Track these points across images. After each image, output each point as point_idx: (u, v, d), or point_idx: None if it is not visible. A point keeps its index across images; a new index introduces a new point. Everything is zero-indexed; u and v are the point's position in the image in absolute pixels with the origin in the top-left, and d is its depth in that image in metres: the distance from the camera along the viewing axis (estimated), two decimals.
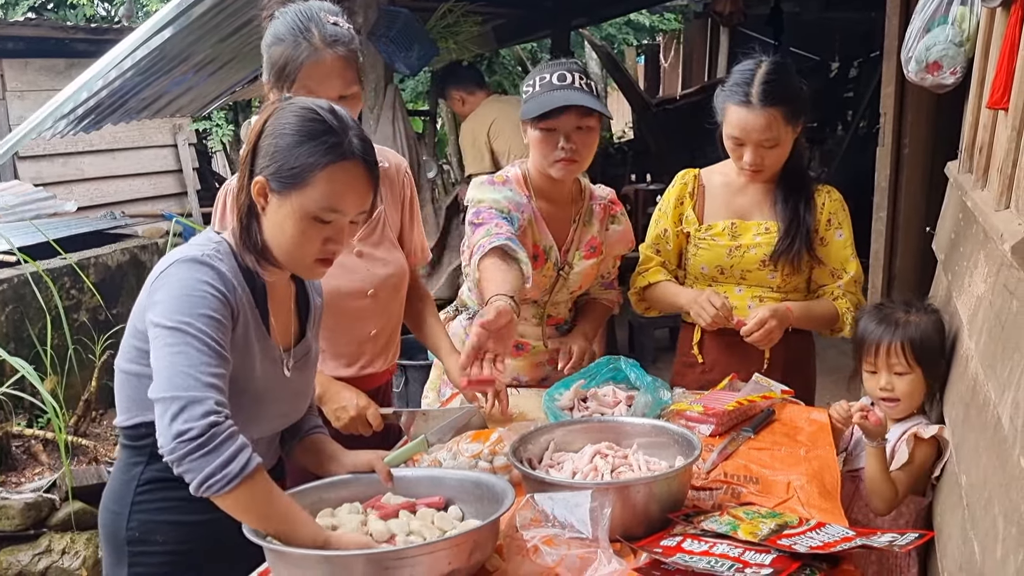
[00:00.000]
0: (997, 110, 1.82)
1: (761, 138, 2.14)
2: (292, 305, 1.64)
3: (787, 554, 1.34)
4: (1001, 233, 1.52)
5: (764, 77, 2.13)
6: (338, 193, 1.43)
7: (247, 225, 1.48)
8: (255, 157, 1.45)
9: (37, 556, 3.16)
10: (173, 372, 1.32)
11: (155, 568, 1.55)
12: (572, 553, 1.38)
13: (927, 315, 1.96)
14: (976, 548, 1.42)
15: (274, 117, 1.45)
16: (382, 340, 2.12)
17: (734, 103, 2.15)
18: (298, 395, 1.65)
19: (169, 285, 1.41)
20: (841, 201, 2.32)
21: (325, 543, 1.35)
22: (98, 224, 5.26)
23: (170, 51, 4.58)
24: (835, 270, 2.30)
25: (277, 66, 1.85)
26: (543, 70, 2.16)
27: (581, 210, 2.31)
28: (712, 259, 2.31)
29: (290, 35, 1.84)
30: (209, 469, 1.28)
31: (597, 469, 1.62)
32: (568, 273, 2.29)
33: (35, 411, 3.69)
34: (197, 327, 1.36)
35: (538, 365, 2.39)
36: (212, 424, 1.29)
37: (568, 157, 2.10)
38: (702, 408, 1.99)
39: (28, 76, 6.25)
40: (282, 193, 1.43)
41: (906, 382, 1.92)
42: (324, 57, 1.84)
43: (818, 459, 1.83)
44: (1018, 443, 1.26)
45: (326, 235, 1.46)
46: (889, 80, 3.51)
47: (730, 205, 2.33)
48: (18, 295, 3.76)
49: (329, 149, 1.41)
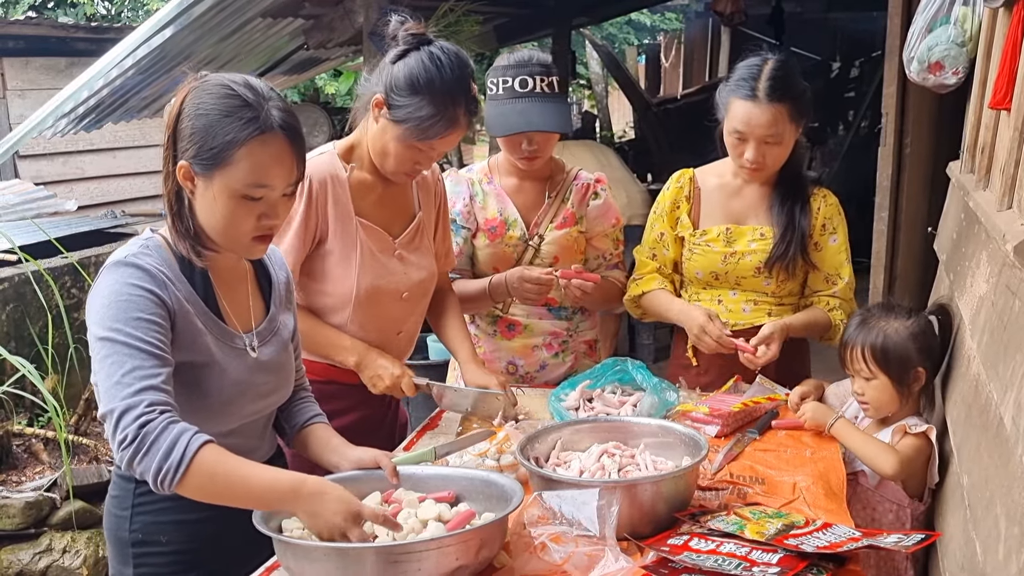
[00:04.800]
0: (999, 110, 1.82)
1: (765, 133, 2.12)
2: (251, 285, 1.61)
3: (794, 554, 1.34)
4: (1003, 233, 1.52)
5: (771, 72, 2.11)
6: (262, 168, 1.39)
7: (178, 211, 1.45)
8: (176, 141, 1.41)
9: (38, 555, 3.16)
10: (107, 386, 1.33)
11: (160, 568, 1.55)
12: (580, 551, 1.38)
13: (901, 320, 1.92)
14: (978, 548, 1.43)
15: (191, 97, 1.40)
16: (405, 340, 2.16)
17: (739, 97, 2.12)
18: (275, 373, 1.60)
19: (97, 294, 1.40)
20: (837, 205, 2.31)
21: (302, 484, 1.35)
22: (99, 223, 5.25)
23: (171, 50, 4.58)
24: (829, 275, 2.29)
25: (421, 115, 1.83)
26: (506, 71, 2.20)
27: (559, 187, 2.37)
28: (706, 265, 2.29)
29: (448, 102, 1.83)
30: (155, 466, 1.30)
31: (604, 468, 1.62)
32: (539, 244, 2.34)
33: (36, 410, 3.68)
34: (126, 332, 1.34)
35: (533, 349, 2.41)
36: (142, 425, 1.30)
37: (530, 156, 2.24)
38: (708, 409, 2.00)
39: (29, 75, 6.24)
40: (206, 175, 1.39)
41: (872, 387, 1.91)
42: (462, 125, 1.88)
43: (823, 460, 1.84)
44: (1020, 443, 1.26)
45: (259, 211, 1.43)
46: (891, 80, 3.51)
47: (726, 209, 2.31)
48: (19, 294, 3.75)
49: (246, 124, 1.37)
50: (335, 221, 1.96)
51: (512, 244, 2.35)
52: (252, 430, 1.61)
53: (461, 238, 2.36)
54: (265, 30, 4.98)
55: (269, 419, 1.68)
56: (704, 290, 2.33)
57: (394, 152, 1.89)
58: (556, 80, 2.22)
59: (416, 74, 1.82)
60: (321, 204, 1.94)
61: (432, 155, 1.91)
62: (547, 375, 2.43)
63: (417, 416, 2.36)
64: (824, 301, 2.29)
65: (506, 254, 2.36)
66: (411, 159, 1.91)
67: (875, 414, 1.96)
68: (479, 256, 2.39)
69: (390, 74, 1.85)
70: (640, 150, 9.28)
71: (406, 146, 1.87)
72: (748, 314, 2.29)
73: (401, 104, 1.83)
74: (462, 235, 2.36)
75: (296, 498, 1.35)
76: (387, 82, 1.85)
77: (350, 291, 1.98)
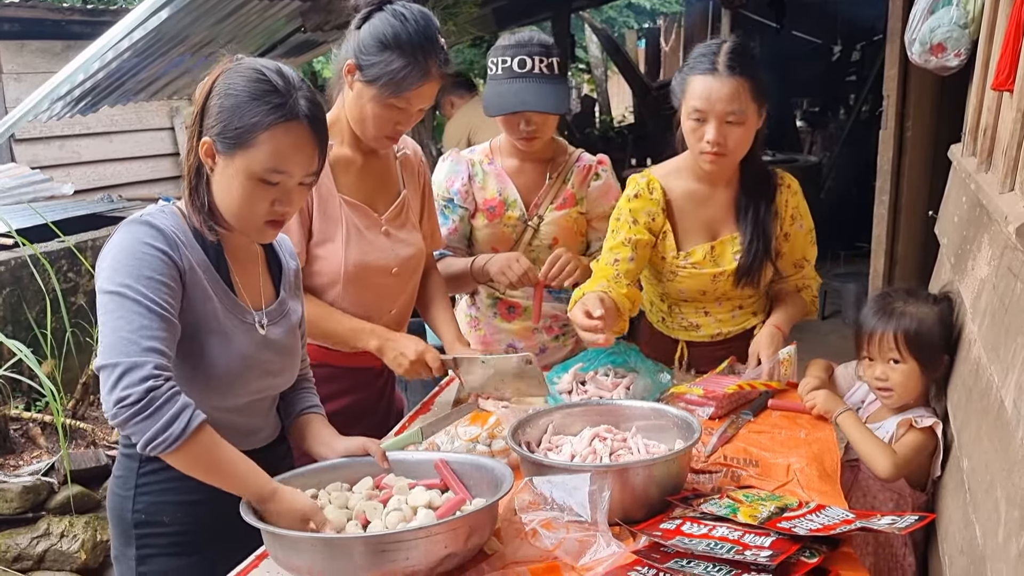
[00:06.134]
0: (1002, 92, 1.81)
1: (726, 109, 1.99)
2: (262, 267, 1.63)
3: (787, 536, 1.33)
4: (1005, 215, 1.51)
5: (730, 48, 2.03)
6: (283, 154, 1.42)
7: (195, 186, 1.47)
8: (203, 118, 1.44)
9: (35, 539, 3.16)
10: (114, 339, 1.33)
11: (162, 549, 1.55)
12: (571, 536, 1.37)
13: (929, 306, 1.92)
14: (977, 531, 1.42)
15: (223, 77, 1.43)
16: (397, 319, 2.14)
17: (698, 73, 2.03)
18: (282, 354, 1.61)
19: (111, 249, 1.41)
20: (799, 192, 2.24)
21: (272, 494, 1.38)
22: (96, 207, 5.23)
23: (167, 32, 4.55)
24: (797, 261, 2.28)
25: (394, 68, 1.84)
26: (505, 51, 2.20)
27: (561, 168, 2.37)
28: (694, 286, 2.22)
29: (418, 52, 1.84)
30: (151, 432, 1.31)
31: (596, 452, 1.61)
32: (538, 225, 2.34)
33: (33, 394, 3.67)
34: (137, 289, 1.36)
35: (533, 331, 2.41)
36: (151, 389, 1.31)
37: (528, 136, 2.24)
38: (702, 391, 1.98)
39: (24, 58, 6.20)
40: (228, 154, 1.42)
41: (899, 372, 1.90)
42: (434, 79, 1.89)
43: (818, 442, 1.83)
44: (1021, 426, 1.25)
45: (273, 196, 1.45)
46: (892, 62, 3.49)
47: (701, 221, 2.20)
48: (15, 278, 3.74)
49: (273, 109, 1.40)
50: (317, 200, 1.95)
51: (511, 224, 2.35)
52: (256, 410, 1.61)
53: (458, 216, 2.36)
54: (262, 12, 4.94)
55: (273, 401, 1.68)
56: (687, 303, 2.28)
57: (372, 115, 1.89)
58: (556, 61, 2.21)
59: (382, 31, 1.84)
60: None
61: (411, 112, 1.91)
62: (547, 359, 2.42)
63: (413, 401, 2.35)
64: (793, 284, 2.30)
65: (505, 234, 2.35)
66: (391, 120, 1.90)
67: (897, 401, 1.93)
68: (477, 236, 2.38)
69: (357, 38, 1.87)
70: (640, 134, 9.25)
71: (384, 106, 1.87)
72: (737, 319, 2.28)
73: (372, 63, 1.84)
74: (459, 214, 2.36)
75: (261, 504, 1.40)
76: (355, 46, 1.87)
77: (338, 269, 1.97)
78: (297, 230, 1.93)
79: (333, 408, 1.86)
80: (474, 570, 1.34)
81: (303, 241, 1.95)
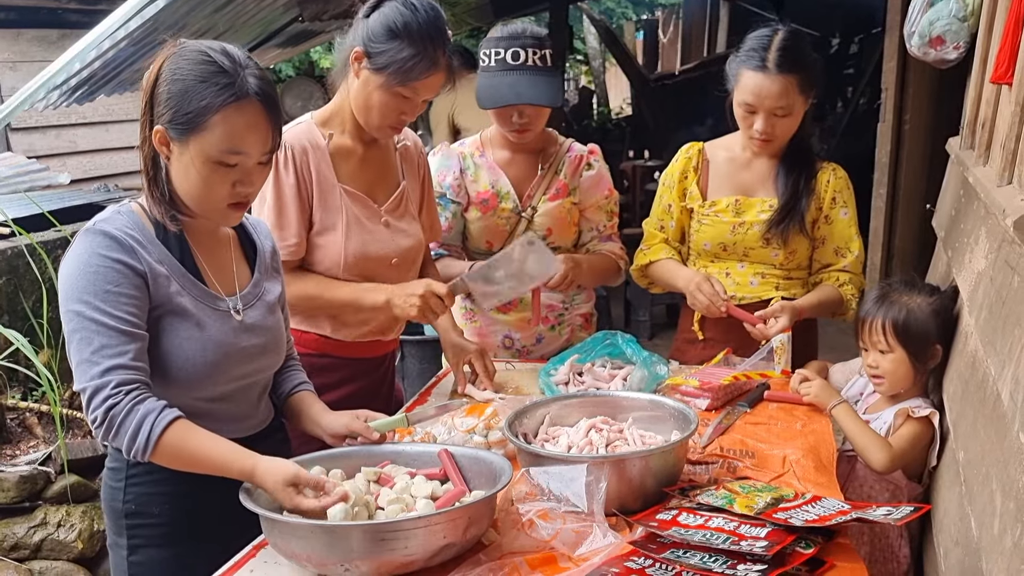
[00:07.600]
0: (1000, 85, 1.81)
1: (775, 105, 2.12)
2: (235, 251, 1.62)
3: (782, 527, 1.33)
4: (1003, 208, 1.50)
5: (781, 43, 2.10)
6: (237, 134, 1.40)
7: (154, 177, 1.46)
8: (153, 106, 1.42)
9: (32, 528, 3.16)
10: (78, 361, 1.39)
11: (152, 540, 1.56)
12: (567, 527, 1.38)
13: (923, 296, 1.93)
14: (973, 523, 1.42)
15: (168, 63, 1.40)
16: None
17: (749, 68, 2.12)
18: (262, 336, 1.60)
19: (68, 264, 1.42)
20: (846, 179, 2.30)
21: (253, 469, 1.38)
22: (92, 197, 5.21)
23: (164, 21, 4.52)
24: (839, 248, 2.29)
25: (403, 56, 1.84)
26: (499, 43, 2.20)
27: (552, 159, 2.37)
28: (715, 236, 2.29)
29: (427, 42, 1.85)
30: (124, 446, 1.38)
31: (592, 443, 1.61)
32: (532, 216, 2.33)
33: (30, 384, 3.67)
34: (95, 306, 1.37)
35: (530, 322, 2.40)
36: (109, 408, 1.36)
37: (521, 128, 2.24)
38: (698, 382, 1.99)
39: (20, 47, 6.17)
40: (182, 140, 1.40)
41: (888, 361, 1.91)
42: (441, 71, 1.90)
43: (814, 433, 1.83)
44: (1017, 419, 1.26)
45: (233, 179, 1.44)
46: (891, 55, 3.49)
47: (734, 180, 2.31)
48: (12, 267, 3.73)
49: (222, 89, 1.37)
50: (318, 189, 1.95)
51: (505, 216, 2.34)
52: (244, 397, 1.60)
53: (451, 212, 2.35)
54: (259, 2, 4.92)
55: (264, 388, 1.67)
56: (712, 263, 2.33)
57: (378, 103, 1.89)
58: (549, 53, 2.20)
59: (392, 19, 1.84)
60: (305, 173, 1.94)
61: (416, 102, 1.91)
62: (543, 349, 2.43)
63: (412, 391, 2.35)
64: (834, 277, 2.30)
65: (499, 227, 2.35)
66: (396, 108, 1.90)
67: (889, 389, 1.95)
68: (471, 229, 2.37)
69: (366, 26, 1.87)
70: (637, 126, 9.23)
71: (391, 94, 1.87)
72: (756, 287, 2.30)
73: (381, 51, 1.84)
74: (451, 209, 2.35)
75: (251, 479, 1.40)
76: (364, 34, 1.86)
77: (338, 258, 1.97)
78: (297, 219, 1.93)
79: (333, 397, 1.86)
80: (471, 560, 1.34)
81: (303, 231, 1.95)
